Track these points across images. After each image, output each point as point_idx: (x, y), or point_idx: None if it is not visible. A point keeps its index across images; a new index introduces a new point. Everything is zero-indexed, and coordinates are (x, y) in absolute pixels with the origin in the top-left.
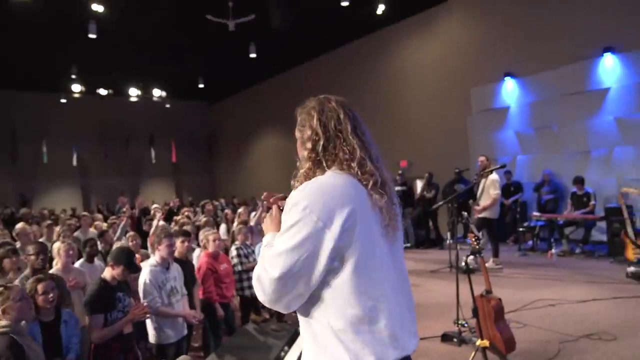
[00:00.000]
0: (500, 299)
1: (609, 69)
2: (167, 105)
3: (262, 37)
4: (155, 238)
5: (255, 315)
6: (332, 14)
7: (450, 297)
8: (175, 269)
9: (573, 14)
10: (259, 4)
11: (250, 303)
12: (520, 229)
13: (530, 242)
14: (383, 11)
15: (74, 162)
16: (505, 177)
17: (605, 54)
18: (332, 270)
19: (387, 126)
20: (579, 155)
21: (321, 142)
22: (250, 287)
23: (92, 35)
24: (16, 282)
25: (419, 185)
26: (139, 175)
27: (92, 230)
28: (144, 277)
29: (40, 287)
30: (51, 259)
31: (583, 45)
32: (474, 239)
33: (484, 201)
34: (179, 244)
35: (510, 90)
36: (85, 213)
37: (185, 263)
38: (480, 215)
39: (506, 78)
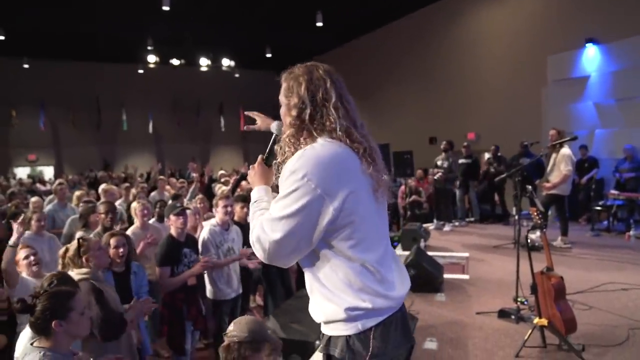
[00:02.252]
0: (561, 277)
1: None
2: (236, 75)
3: (328, 6)
4: (215, 201)
5: None
6: None
7: (511, 274)
8: (235, 231)
9: None
10: None
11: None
12: (595, 208)
13: (605, 222)
14: None
15: (150, 130)
16: (580, 152)
17: None
18: (332, 230)
19: (456, 97)
20: None
21: (307, 111)
22: None
23: (165, 8)
24: (104, 237)
25: (487, 158)
26: (209, 142)
27: (166, 192)
28: (203, 235)
29: (112, 241)
30: (130, 217)
31: None
32: (536, 214)
33: (554, 177)
34: (238, 208)
35: (591, 58)
36: (162, 177)
37: (245, 227)
38: (550, 192)
39: (587, 45)
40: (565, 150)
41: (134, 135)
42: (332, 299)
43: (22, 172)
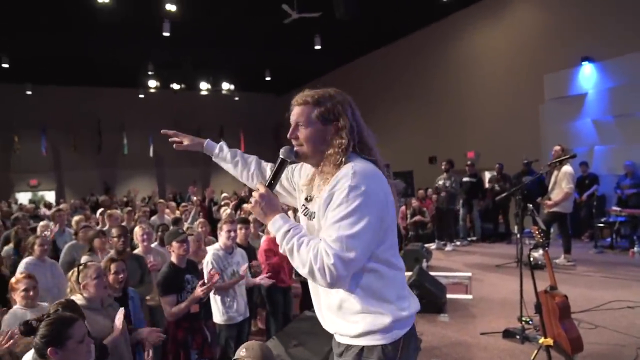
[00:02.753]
0: (565, 296)
1: None
2: (236, 98)
3: (326, 29)
4: (220, 224)
5: None
6: (397, 3)
7: (515, 293)
8: (239, 254)
9: None
10: None
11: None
12: (598, 225)
13: (608, 239)
14: None
15: (151, 153)
16: (580, 169)
17: None
18: (380, 239)
19: (454, 116)
20: None
21: (356, 132)
22: None
23: (166, 34)
24: (103, 262)
25: (487, 177)
26: (210, 166)
27: (166, 216)
28: (207, 259)
29: (112, 267)
30: (132, 241)
31: None
32: (537, 232)
33: (556, 195)
34: (237, 231)
35: (587, 76)
36: (161, 200)
37: (246, 249)
38: (552, 210)
39: (584, 63)
40: (567, 167)
41: (135, 159)
42: (376, 309)
43: (23, 197)
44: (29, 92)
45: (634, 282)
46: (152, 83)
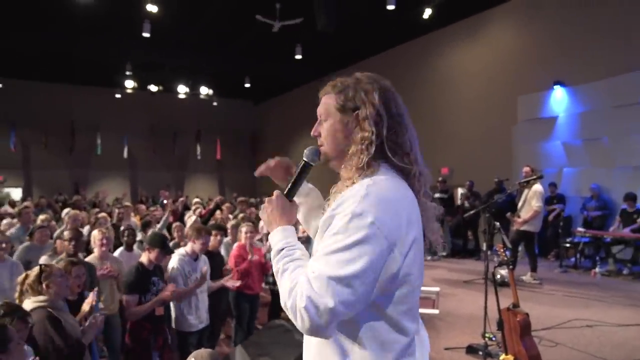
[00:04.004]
0: (527, 314)
1: None
2: (214, 103)
3: (307, 39)
4: (192, 232)
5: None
6: (378, 18)
7: (481, 309)
8: (203, 261)
9: (629, 21)
10: (305, 7)
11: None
12: (564, 245)
13: (572, 259)
14: (430, 15)
15: (125, 155)
16: (549, 189)
17: None
18: (388, 290)
19: (429, 132)
20: (631, 171)
21: (385, 124)
22: None
23: (146, 34)
24: (61, 264)
25: (460, 193)
26: (184, 170)
27: (134, 219)
28: (172, 263)
29: (73, 270)
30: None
31: (639, 54)
32: (502, 250)
33: (525, 213)
34: (212, 237)
35: (559, 99)
36: (127, 204)
37: (215, 256)
38: (521, 228)
39: (555, 86)
40: (537, 186)
41: (108, 160)
42: None
43: None
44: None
45: (594, 302)
46: (130, 84)
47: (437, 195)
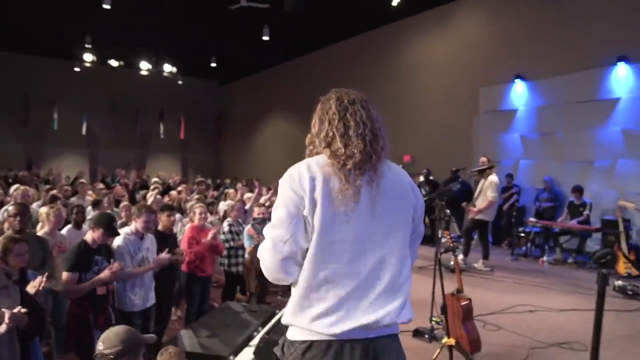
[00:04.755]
0: (469, 299)
1: (621, 78)
2: (179, 82)
3: (275, 21)
4: (134, 210)
5: (241, 294)
6: (347, 3)
7: (428, 295)
8: (150, 241)
9: (588, 20)
10: None
11: (236, 280)
12: (516, 234)
13: (524, 248)
14: (398, 3)
15: (83, 131)
16: (506, 180)
17: (618, 63)
18: (308, 238)
19: (394, 120)
20: (582, 165)
21: (312, 132)
22: (237, 264)
23: (106, 6)
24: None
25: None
26: (147, 149)
27: (89, 197)
28: (116, 242)
29: (15, 247)
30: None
31: (597, 52)
32: (448, 237)
33: (481, 203)
34: (164, 217)
35: (519, 93)
36: (82, 180)
37: (168, 236)
38: (476, 217)
39: (516, 80)
40: (493, 177)
41: (65, 136)
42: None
43: None
44: None
45: (539, 288)
46: (89, 57)
47: None
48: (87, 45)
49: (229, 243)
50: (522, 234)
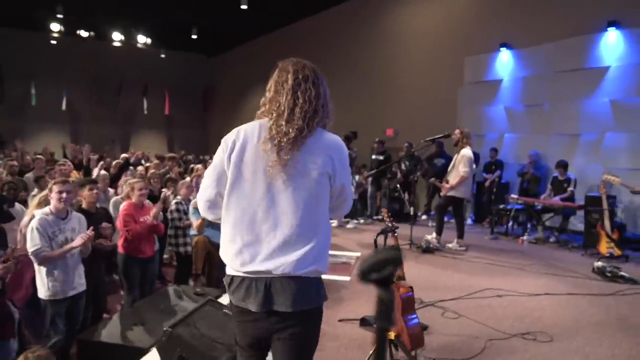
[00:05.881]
0: (411, 287)
1: (611, 45)
2: (162, 55)
3: None
4: (50, 185)
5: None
6: None
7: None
8: (76, 220)
9: None
10: None
11: (187, 261)
12: (495, 211)
13: (505, 226)
14: None
15: (63, 107)
16: (489, 155)
17: (609, 29)
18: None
19: (377, 91)
20: (568, 138)
21: (267, 96)
22: (187, 244)
23: None
24: None
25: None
26: (130, 125)
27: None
28: (32, 224)
29: None
30: None
31: (586, 18)
32: (387, 216)
33: (453, 178)
34: (85, 193)
35: (504, 62)
36: (39, 155)
37: (93, 215)
38: (448, 194)
39: (502, 49)
40: (465, 150)
41: (45, 111)
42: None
43: None
44: None
45: (513, 270)
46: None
47: (373, 156)
48: (58, 16)
49: (175, 222)
50: (503, 212)
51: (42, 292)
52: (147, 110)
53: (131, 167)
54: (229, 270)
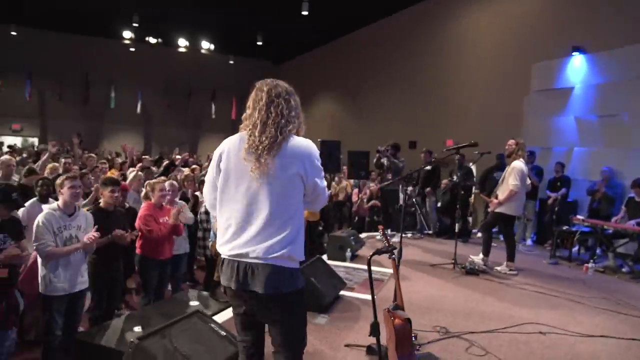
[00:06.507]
0: (407, 319)
1: None
2: (231, 62)
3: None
4: (59, 182)
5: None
6: None
7: (426, 299)
8: (83, 217)
9: None
10: None
11: (213, 264)
12: (557, 233)
13: (569, 250)
14: None
15: (138, 110)
16: (555, 170)
17: None
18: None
19: (438, 102)
20: None
21: (247, 112)
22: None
23: None
24: None
25: (473, 168)
26: (199, 129)
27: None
28: (38, 219)
29: None
30: None
31: None
32: (383, 234)
33: (502, 193)
34: (106, 193)
35: (576, 68)
36: (92, 155)
37: (112, 213)
38: (497, 210)
39: (574, 53)
40: (517, 162)
41: (122, 114)
42: None
43: (9, 142)
44: (13, 33)
45: (568, 303)
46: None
47: (421, 167)
48: (134, 24)
49: (203, 224)
50: (567, 234)
51: (42, 287)
52: (215, 115)
53: (182, 169)
54: (222, 255)
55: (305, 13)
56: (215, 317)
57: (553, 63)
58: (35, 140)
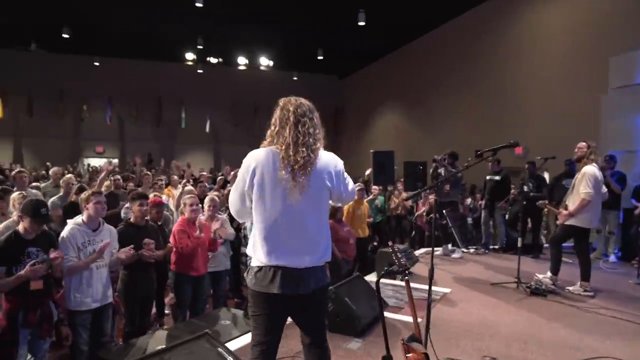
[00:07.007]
0: (425, 354)
1: None
2: (295, 78)
3: (372, 6)
4: (84, 197)
5: None
6: None
7: (478, 324)
8: (107, 232)
9: None
10: None
11: None
12: None
13: None
14: None
15: (207, 129)
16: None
17: None
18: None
19: (506, 107)
20: None
21: (273, 129)
22: None
23: (199, 4)
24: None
25: (546, 176)
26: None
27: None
28: (62, 233)
29: None
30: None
31: None
32: (392, 249)
33: (573, 203)
34: (135, 207)
35: None
36: (148, 173)
37: (142, 228)
38: (567, 222)
39: None
40: (589, 168)
41: (192, 133)
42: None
43: (93, 164)
44: (96, 64)
45: None
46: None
47: (488, 177)
48: (199, 47)
49: (247, 240)
50: None
51: (67, 301)
52: None
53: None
54: (256, 262)
55: (362, 23)
56: (243, 337)
57: (633, 55)
58: (116, 161)
